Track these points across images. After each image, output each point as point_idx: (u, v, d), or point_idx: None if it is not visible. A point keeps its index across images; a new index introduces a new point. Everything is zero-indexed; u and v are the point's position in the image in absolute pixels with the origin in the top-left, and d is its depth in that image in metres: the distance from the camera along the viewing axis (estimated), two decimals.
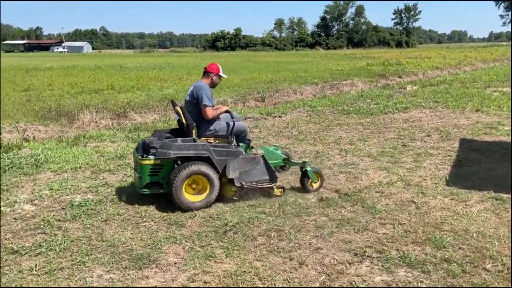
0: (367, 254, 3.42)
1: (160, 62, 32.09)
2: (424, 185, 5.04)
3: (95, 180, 5.31)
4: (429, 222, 4.00)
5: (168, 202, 4.51)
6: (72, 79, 17.65)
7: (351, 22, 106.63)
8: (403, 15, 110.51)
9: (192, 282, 3.05)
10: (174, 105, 4.98)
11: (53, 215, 4.19)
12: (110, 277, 3.11)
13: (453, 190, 4.84)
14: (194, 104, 4.74)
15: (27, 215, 4.22)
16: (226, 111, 5.04)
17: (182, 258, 3.39)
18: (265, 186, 4.64)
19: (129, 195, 4.77)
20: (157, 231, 3.87)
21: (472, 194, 4.71)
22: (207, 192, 4.40)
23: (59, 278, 3.09)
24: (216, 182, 4.40)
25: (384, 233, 3.79)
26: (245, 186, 4.50)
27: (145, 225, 4.01)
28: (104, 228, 3.94)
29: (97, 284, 3.01)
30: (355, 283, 3.01)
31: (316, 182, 4.93)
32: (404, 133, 7.85)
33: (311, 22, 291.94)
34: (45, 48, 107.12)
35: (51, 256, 3.39)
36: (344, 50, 79.70)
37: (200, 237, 3.74)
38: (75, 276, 3.11)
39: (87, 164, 5.99)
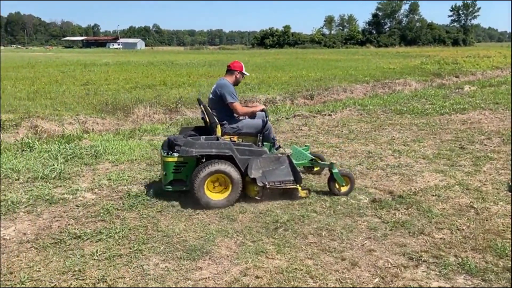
0: (423, 258, 3.31)
1: (209, 59, 32.67)
2: (484, 190, 4.80)
3: (150, 172, 5.50)
4: (490, 229, 3.80)
5: None
6: (126, 75, 18.34)
7: (404, 19, 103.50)
8: (460, 12, 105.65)
9: (244, 276, 3.09)
10: (200, 103, 5.03)
11: (112, 204, 4.39)
12: (165, 266, 3.21)
13: None
14: (218, 102, 4.79)
15: (88, 203, 4.45)
16: (262, 110, 5.07)
17: (234, 252, 3.43)
18: (289, 187, 4.49)
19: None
20: (209, 224, 3.95)
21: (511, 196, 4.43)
22: (229, 191, 4.36)
23: (118, 264, 3.23)
24: (238, 181, 4.33)
25: (441, 238, 3.65)
26: (267, 186, 4.37)
27: (197, 217, 4.11)
28: (159, 218, 4.07)
29: (153, 272, 3.12)
30: None
31: (344, 186, 4.68)
32: (462, 135, 7.50)
33: (362, 19, 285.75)
34: (102, 44, 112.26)
35: (110, 243, 3.55)
36: (396, 48, 77.39)
37: (251, 232, 3.78)
38: (133, 263, 3.24)
39: (142, 156, 6.21)
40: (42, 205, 4.38)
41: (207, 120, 4.68)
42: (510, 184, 4.95)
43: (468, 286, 2.95)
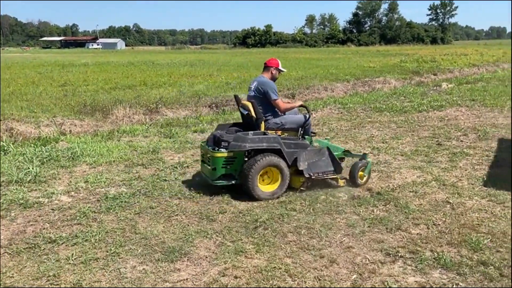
0: (400, 254, 3.35)
1: (191, 59, 32.48)
2: (460, 186, 4.89)
3: (129, 174, 5.43)
4: (465, 224, 3.87)
5: (199, 197, 4.58)
6: (106, 75, 18.09)
7: (384, 18, 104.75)
8: (438, 11, 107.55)
9: (223, 276, 3.08)
10: (238, 100, 5.20)
11: (89, 207, 4.32)
12: (143, 269, 3.17)
13: (491, 191, 4.67)
14: (260, 99, 4.90)
15: (64, 206, 4.36)
16: (301, 105, 5.30)
17: (213, 253, 3.42)
18: (330, 176, 4.84)
19: (161, 189, 4.85)
20: (188, 225, 3.92)
21: (510, 195, 4.53)
22: (279, 183, 4.57)
23: (94, 268, 3.17)
24: (287, 174, 4.57)
25: (417, 234, 3.70)
26: (313, 177, 4.67)
27: (176, 218, 4.07)
28: (137, 220, 4.02)
29: (130, 275, 3.08)
30: (388, 283, 2.95)
31: (365, 177, 4.96)
32: (439, 132, 7.63)
33: (343, 18, 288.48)
34: (81, 44, 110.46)
35: (87, 247, 3.49)
36: (376, 46, 78.34)
37: (230, 232, 3.76)
38: (110, 267, 3.19)
39: (121, 158, 6.13)
40: (16, 209, 4.28)
41: (253, 115, 4.74)
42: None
43: (443, 280, 3.00)
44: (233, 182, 4.58)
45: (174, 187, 4.92)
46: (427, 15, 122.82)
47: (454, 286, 2.92)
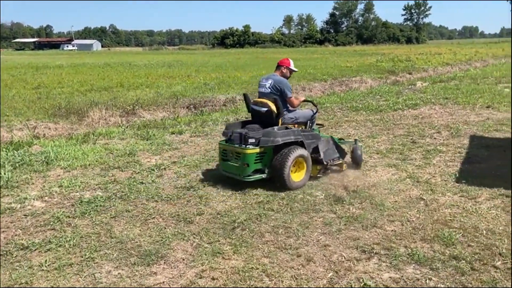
0: (375, 251, 3.40)
1: (169, 60, 32.22)
2: (433, 182, 5.00)
3: (104, 177, 5.35)
4: (438, 219, 3.97)
5: (177, 199, 4.56)
6: (81, 77, 17.78)
7: (360, 18, 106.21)
8: (413, 11, 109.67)
9: (200, 278, 3.07)
10: (249, 99, 5.46)
11: (63, 212, 4.24)
12: (118, 273, 3.13)
13: (463, 187, 4.79)
14: (275, 96, 5.15)
15: (37, 212, 4.27)
16: (305, 100, 5.85)
17: (190, 255, 3.40)
18: (337, 162, 5.37)
19: (138, 191, 4.80)
20: (165, 228, 3.89)
21: (482, 191, 4.66)
22: (304, 172, 4.93)
23: (68, 274, 3.12)
24: (310, 163, 4.96)
25: (392, 230, 3.77)
26: (328, 164, 5.23)
27: (153, 221, 4.04)
28: (113, 224, 3.97)
29: (105, 280, 3.04)
30: (363, 280, 3.00)
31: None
32: (413, 130, 7.78)
33: (320, 18, 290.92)
34: (55, 46, 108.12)
35: (60, 252, 3.43)
36: (353, 46, 79.34)
37: (208, 234, 3.75)
38: (84, 272, 3.14)
39: (96, 161, 6.04)
40: None
41: (274, 111, 5.00)
42: None
43: (417, 276, 3.06)
44: (262, 176, 4.83)
45: (151, 189, 4.88)
46: (402, 15, 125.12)
47: (427, 281, 2.99)
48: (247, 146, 4.75)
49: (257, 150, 4.72)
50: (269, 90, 5.21)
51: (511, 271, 3.06)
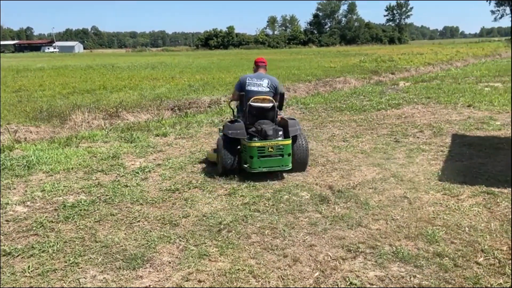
0: (360, 250, 3.43)
1: (152, 61, 31.98)
2: (416, 181, 5.07)
3: (88, 181, 5.28)
4: (422, 217, 4.02)
5: (162, 202, 4.53)
6: (63, 79, 17.53)
7: (343, 19, 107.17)
8: (395, 11, 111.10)
9: (187, 281, 3.05)
10: (246, 96, 5.51)
11: (46, 217, 4.17)
12: (103, 278, 3.09)
13: (445, 185, 4.87)
14: (275, 93, 5.49)
15: (19, 217, 4.19)
16: None
17: (176, 258, 3.38)
18: None
19: (122, 195, 4.75)
20: (150, 231, 3.86)
21: (464, 188, 4.74)
22: None
23: (52, 279, 3.07)
24: None
25: (377, 229, 3.81)
26: None
27: (138, 225, 4.00)
28: (97, 228, 3.92)
29: (90, 285, 3.00)
30: (349, 279, 3.02)
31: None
32: (396, 129, 7.88)
33: (304, 19, 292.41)
34: (36, 48, 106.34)
35: (44, 258, 3.37)
36: (337, 47, 79.94)
37: (194, 236, 3.74)
38: (69, 278, 3.09)
39: (79, 164, 5.96)
40: None
41: (277, 107, 5.45)
42: None
43: (401, 273, 3.10)
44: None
45: (135, 192, 4.84)
46: (384, 15, 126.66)
47: (412, 279, 3.03)
48: (285, 138, 5.20)
49: (290, 141, 5.19)
50: (268, 89, 5.46)
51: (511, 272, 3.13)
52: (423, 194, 4.65)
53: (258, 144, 5.10)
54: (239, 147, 5.28)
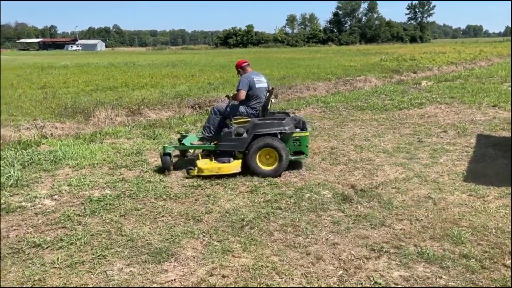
0: (384, 249, 3.41)
1: (172, 60, 32.27)
2: (441, 181, 5.00)
3: (113, 176, 5.38)
4: (447, 218, 3.97)
5: (185, 198, 4.58)
6: (86, 77, 17.85)
7: (364, 17, 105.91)
8: (417, 10, 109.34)
9: (211, 276, 3.09)
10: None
11: (73, 210, 4.27)
12: (130, 271, 3.16)
13: (471, 186, 4.79)
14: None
15: (48, 210, 4.30)
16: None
17: (200, 253, 3.42)
18: None
19: (146, 190, 4.83)
20: (174, 226, 3.91)
21: (490, 190, 4.66)
22: None
23: (80, 271, 3.15)
24: None
25: (401, 229, 3.78)
26: None
27: (162, 220, 4.06)
28: (122, 222, 4.00)
29: (117, 278, 3.07)
30: (373, 278, 3.01)
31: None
32: (419, 129, 7.78)
33: (323, 18, 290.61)
34: (59, 46, 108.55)
35: (72, 250, 3.46)
36: (357, 46, 79.11)
37: (217, 232, 3.77)
38: (96, 270, 3.17)
39: (104, 160, 6.07)
40: None
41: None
42: None
43: (427, 274, 3.07)
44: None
45: (159, 188, 4.90)
46: (406, 14, 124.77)
47: (437, 280, 3.00)
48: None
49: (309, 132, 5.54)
50: (267, 84, 5.94)
51: (511, 269, 3.07)
52: (448, 194, 4.58)
53: (307, 133, 5.49)
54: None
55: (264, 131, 5.28)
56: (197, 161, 5.34)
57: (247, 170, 5.26)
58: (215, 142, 5.64)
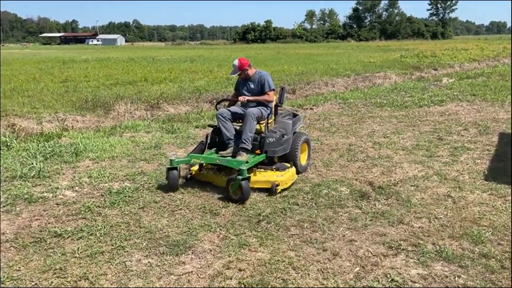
0: (402, 247, 3.38)
1: (191, 55, 32.44)
2: (461, 180, 4.92)
3: (132, 169, 5.46)
4: (467, 217, 3.91)
5: (202, 191, 4.62)
6: (107, 71, 18.10)
7: (384, 13, 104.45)
8: (439, 5, 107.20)
9: (227, 269, 3.11)
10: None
11: (93, 202, 4.35)
12: (148, 262, 3.21)
13: (492, 185, 4.70)
14: None
15: (69, 201, 4.40)
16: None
17: (217, 246, 3.45)
18: None
19: (165, 183, 4.88)
20: (192, 219, 3.95)
21: (510, 189, 4.56)
22: None
23: (100, 261, 3.21)
24: None
25: (419, 227, 3.74)
26: None
27: (180, 213, 4.11)
28: (141, 215, 4.06)
29: (136, 268, 3.12)
30: (390, 276, 2.99)
31: None
32: (440, 127, 7.65)
33: (343, 13, 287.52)
34: (80, 40, 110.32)
35: (92, 240, 3.53)
36: (377, 41, 78.13)
37: (234, 226, 3.80)
38: (115, 260, 3.23)
39: (123, 153, 6.16)
40: (21, 204, 4.32)
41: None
42: None
43: (445, 273, 3.03)
44: None
45: None
46: (428, 10, 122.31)
47: (456, 279, 2.96)
48: None
49: None
50: None
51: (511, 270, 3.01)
52: (468, 193, 4.51)
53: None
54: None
55: (296, 128, 5.27)
56: (273, 177, 4.65)
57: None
58: (257, 151, 4.90)
